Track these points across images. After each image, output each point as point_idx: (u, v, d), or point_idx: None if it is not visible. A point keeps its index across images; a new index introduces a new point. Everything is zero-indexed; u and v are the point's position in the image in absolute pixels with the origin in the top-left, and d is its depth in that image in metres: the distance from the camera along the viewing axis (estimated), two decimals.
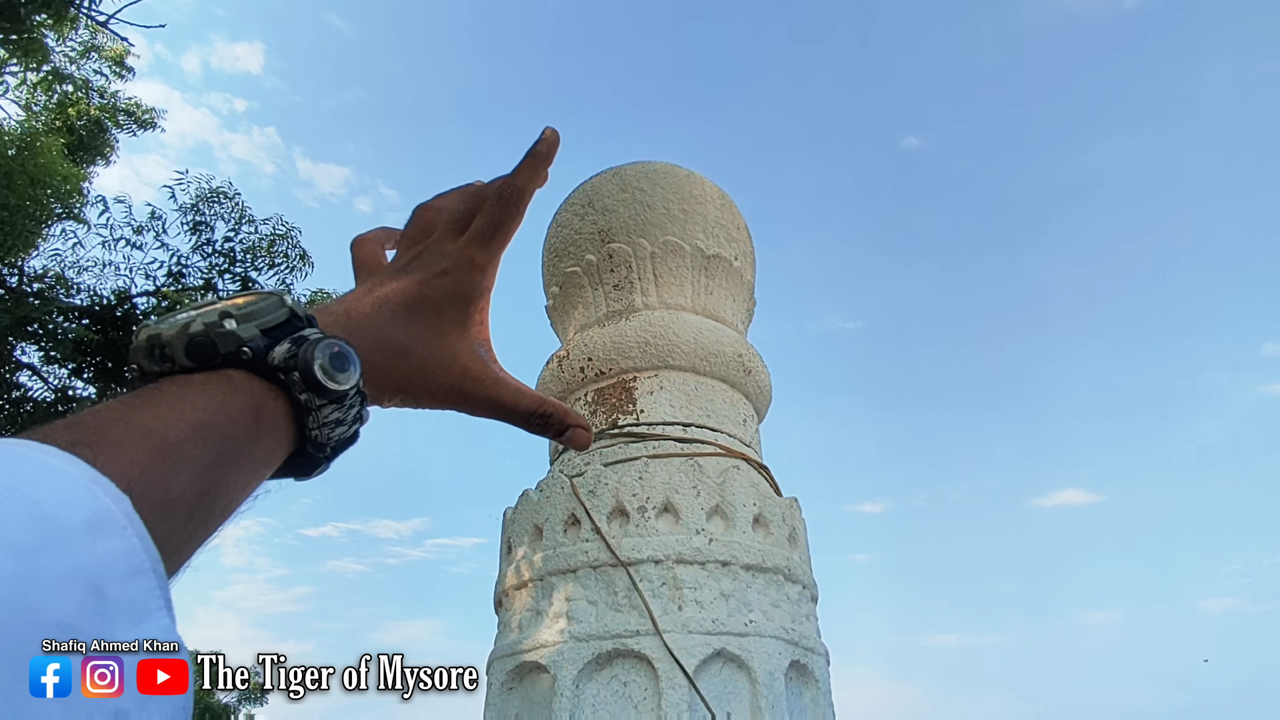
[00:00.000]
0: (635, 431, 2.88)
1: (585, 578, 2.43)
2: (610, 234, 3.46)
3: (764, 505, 2.63)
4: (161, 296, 5.79)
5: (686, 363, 3.08)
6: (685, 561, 2.39)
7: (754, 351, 3.37)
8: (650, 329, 3.11)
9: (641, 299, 3.33)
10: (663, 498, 2.52)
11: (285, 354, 0.42)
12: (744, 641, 2.27)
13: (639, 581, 2.34)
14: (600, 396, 3.11)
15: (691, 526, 2.46)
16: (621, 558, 2.39)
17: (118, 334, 5.68)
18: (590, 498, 2.56)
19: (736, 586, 2.39)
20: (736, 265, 3.57)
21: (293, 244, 5.86)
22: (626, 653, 2.26)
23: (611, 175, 3.66)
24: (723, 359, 3.14)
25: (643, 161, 3.74)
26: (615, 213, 3.49)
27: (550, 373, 3.35)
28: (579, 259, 3.52)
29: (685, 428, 2.91)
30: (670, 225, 3.44)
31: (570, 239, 3.58)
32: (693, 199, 3.53)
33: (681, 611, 2.29)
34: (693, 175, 3.69)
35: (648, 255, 3.38)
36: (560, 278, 3.61)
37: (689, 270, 3.41)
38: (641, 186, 3.52)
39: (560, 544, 2.55)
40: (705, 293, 3.42)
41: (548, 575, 2.51)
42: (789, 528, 2.69)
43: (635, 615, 2.29)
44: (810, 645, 2.49)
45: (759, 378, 3.31)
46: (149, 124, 6.75)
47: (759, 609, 2.39)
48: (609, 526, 2.50)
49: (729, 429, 3.01)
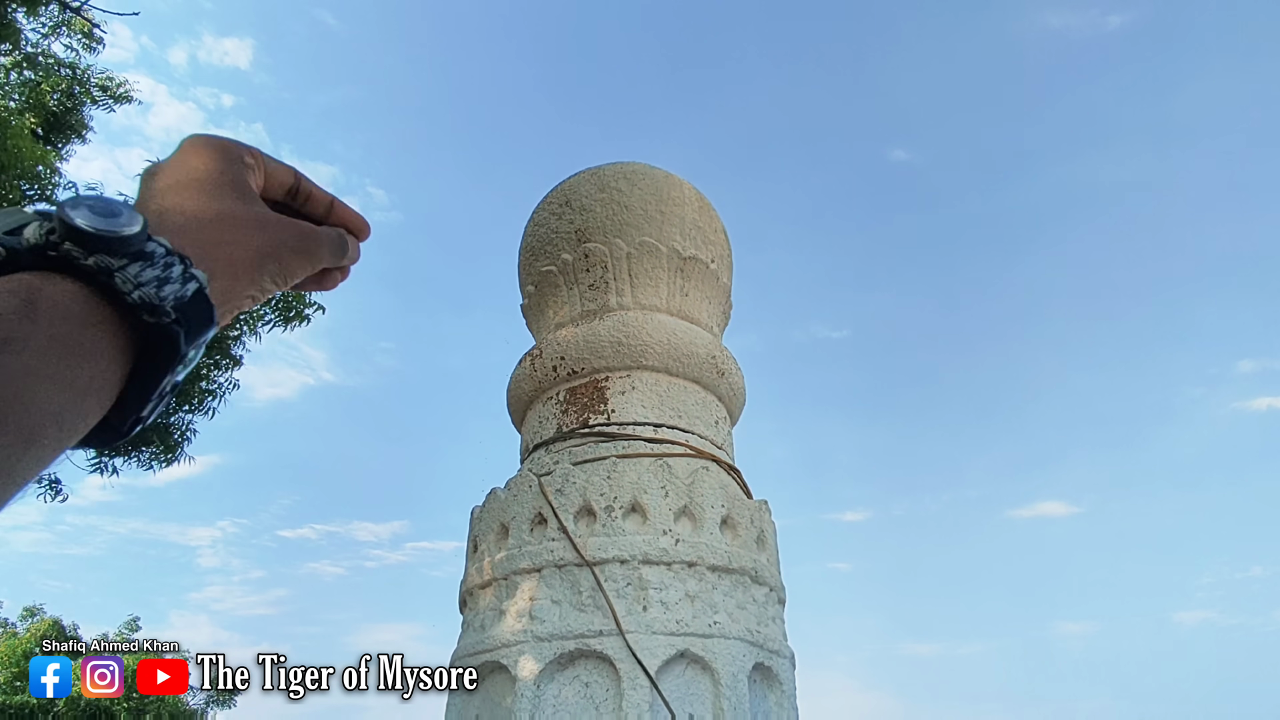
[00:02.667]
0: (606, 431, 2.86)
1: (550, 577, 2.41)
2: (587, 233, 3.45)
3: (732, 507, 2.63)
4: None
5: (659, 363, 3.08)
6: (651, 562, 2.37)
7: (728, 353, 3.37)
8: (624, 329, 3.10)
9: (616, 299, 3.31)
10: (630, 497, 2.50)
11: (37, 231, 0.37)
12: (708, 643, 2.26)
13: (604, 581, 2.33)
14: (572, 395, 3.09)
15: (659, 527, 2.45)
16: (587, 557, 2.38)
17: None
18: (558, 496, 2.54)
19: (702, 588, 2.38)
20: (713, 268, 3.57)
21: None
22: (589, 653, 2.24)
23: (590, 175, 3.65)
24: (696, 360, 3.14)
25: (621, 162, 3.73)
26: (592, 212, 3.47)
27: (523, 371, 3.33)
28: (555, 258, 3.50)
29: (656, 428, 2.90)
30: (647, 226, 3.43)
31: (547, 238, 3.57)
32: (670, 200, 3.53)
33: (646, 612, 2.27)
34: (671, 177, 3.69)
35: (624, 255, 3.37)
36: (536, 276, 3.59)
37: (665, 271, 3.40)
38: (619, 187, 3.51)
39: (526, 543, 2.53)
40: (681, 294, 3.42)
41: (512, 574, 2.49)
42: (757, 530, 2.68)
43: (599, 615, 2.27)
44: (775, 648, 2.49)
45: (732, 380, 3.30)
46: (124, 98, 6.61)
47: (724, 610, 2.38)
48: (576, 526, 2.48)
49: (700, 430, 3.01)
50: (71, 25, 5.56)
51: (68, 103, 5.85)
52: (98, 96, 6.09)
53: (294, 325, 5.77)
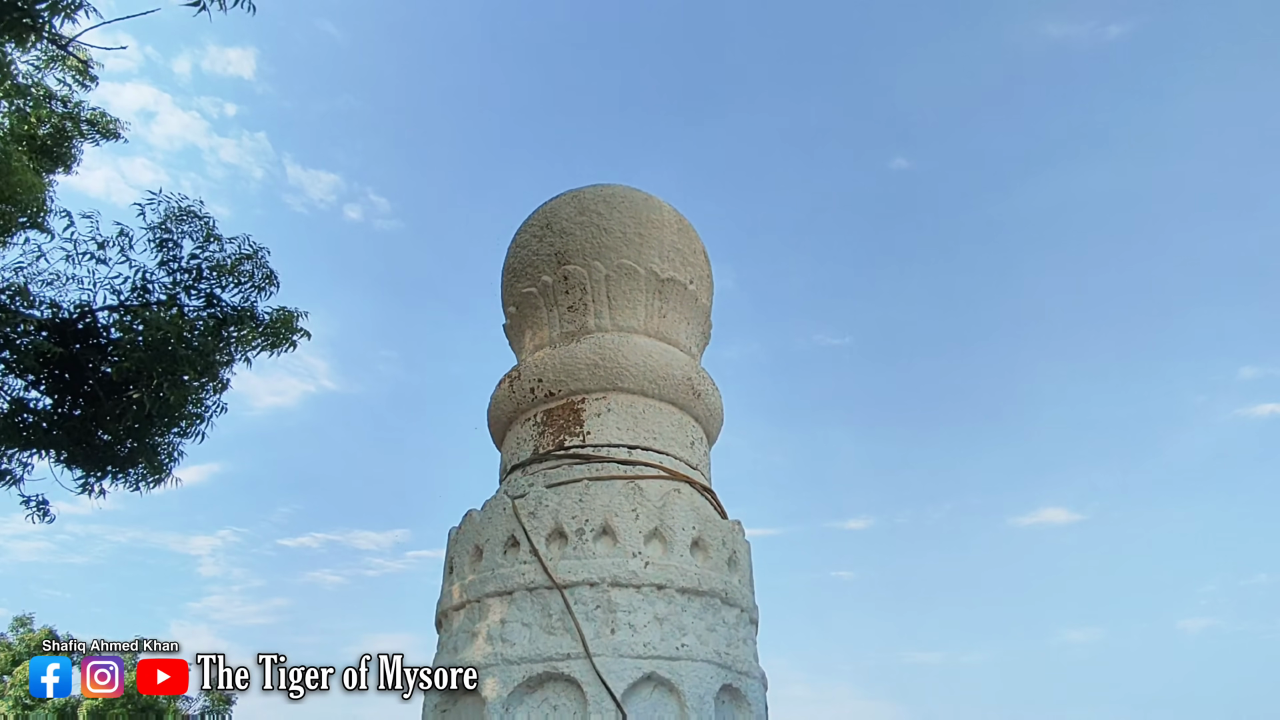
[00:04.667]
0: (580, 453, 2.89)
1: (521, 600, 2.43)
2: (566, 256, 3.49)
3: (704, 529, 2.65)
4: (125, 311, 5.75)
5: (635, 385, 3.11)
6: (620, 584, 2.39)
7: (705, 375, 3.40)
8: (600, 351, 3.13)
9: (595, 321, 3.35)
10: (601, 520, 2.52)
11: None
12: (675, 665, 2.27)
13: (574, 604, 2.34)
14: (549, 417, 3.12)
15: (628, 549, 2.47)
16: (557, 580, 2.39)
17: (78, 347, 5.62)
18: (530, 519, 2.56)
19: (671, 610, 2.40)
20: (691, 289, 3.61)
21: (259, 264, 5.86)
22: (557, 675, 2.25)
23: (570, 198, 3.70)
24: (672, 382, 3.17)
25: (602, 184, 3.79)
26: (572, 235, 3.52)
27: (502, 392, 3.36)
28: (535, 280, 3.54)
29: (630, 450, 2.92)
30: (626, 249, 3.47)
31: (528, 260, 3.61)
32: (650, 223, 3.57)
33: (614, 635, 2.29)
34: (650, 199, 3.74)
35: (602, 278, 3.41)
36: (517, 298, 3.63)
37: (643, 293, 3.44)
38: (599, 210, 3.56)
39: (499, 565, 2.55)
40: (659, 315, 3.45)
41: (485, 596, 2.50)
42: (729, 551, 2.70)
43: (568, 638, 2.29)
44: (745, 669, 2.49)
45: (709, 401, 3.33)
46: (112, 134, 6.72)
47: (693, 633, 2.39)
48: (547, 548, 2.50)
49: (675, 451, 3.03)
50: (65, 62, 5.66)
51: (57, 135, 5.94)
52: (87, 131, 6.19)
53: (281, 350, 5.83)
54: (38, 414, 5.57)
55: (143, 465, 5.68)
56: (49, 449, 5.58)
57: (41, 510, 5.83)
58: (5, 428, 5.39)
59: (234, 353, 5.92)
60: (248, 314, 5.99)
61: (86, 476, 5.67)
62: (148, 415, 5.26)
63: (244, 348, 5.93)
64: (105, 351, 5.64)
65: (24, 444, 5.51)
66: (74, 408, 5.65)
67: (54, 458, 5.63)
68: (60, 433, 5.55)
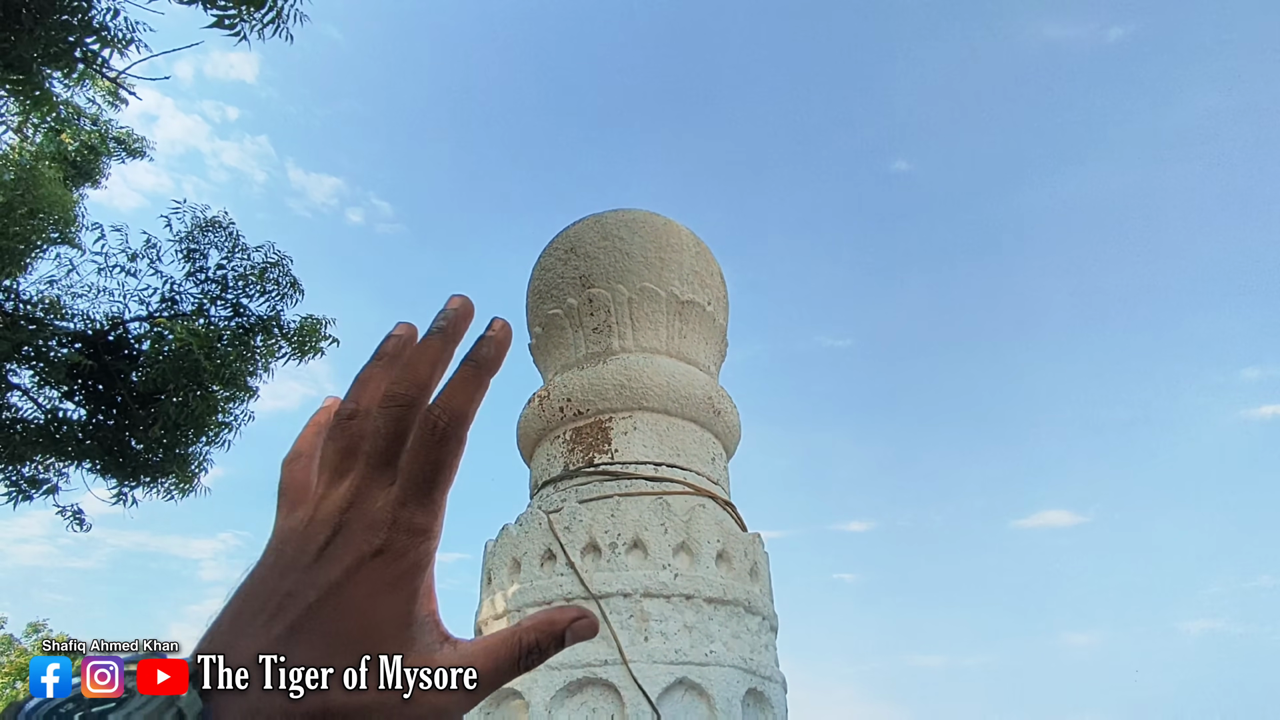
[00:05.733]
0: (610, 470, 3.08)
1: None
2: (591, 279, 3.68)
3: (727, 541, 2.83)
4: (154, 323, 5.94)
5: (659, 404, 3.29)
6: (652, 595, 2.58)
7: (724, 393, 3.59)
8: (626, 372, 3.32)
9: (619, 342, 3.54)
10: (633, 534, 2.71)
11: None
12: (704, 671, 2.46)
13: (609, 614, 2.53)
14: (578, 435, 3.31)
15: (658, 562, 2.65)
16: (593, 591, 2.58)
17: (110, 359, 5.81)
18: (565, 534, 2.75)
19: (699, 619, 2.58)
20: (709, 310, 3.79)
21: (284, 272, 6.05)
22: (596, 680, 2.44)
23: (593, 223, 3.89)
24: (693, 401, 3.35)
25: (623, 209, 3.97)
26: (596, 259, 3.71)
27: (531, 411, 3.54)
28: (561, 302, 3.73)
29: (656, 467, 3.11)
30: (647, 272, 3.66)
31: (553, 283, 3.80)
32: (669, 247, 3.76)
33: (647, 642, 2.48)
34: (670, 224, 3.92)
35: (625, 301, 3.59)
36: (543, 319, 3.82)
37: (664, 315, 3.62)
38: (621, 235, 3.75)
39: (537, 577, 2.73)
40: (679, 336, 3.64)
41: (525, 607, 2.69)
42: (750, 562, 2.89)
43: (605, 646, 2.47)
44: (768, 674, 2.68)
45: (728, 418, 3.52)
46: (139, 152, 6.96)
47: (720, 640, 2.58)
48: (582, 561, 2.69)
49: (698, 467, 3.22)
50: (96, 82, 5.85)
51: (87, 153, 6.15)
52: (114, 149, 6.40)
53: (309, 357, 6.02)
54: (72, 425, 5.77)
55: (174, 475, 5.88)
56: (83, 459, 5.78)
57: (78, 519, 6.03)
58: (43, 438, 5.58)
59: (260, 361, 6.12)
60: (274, 322, 6.18)
61: (120, 486, 5.87)
62: (176, 425, 5.45)
63: (271, 356, 6.12)
64: (136, 362, 5.84)
65: (60, 454, 5.71)
66: (107, 418, 5.85)
67: (88, 467, 5.83)
68: (94, 443, 5.75)
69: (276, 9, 3.85)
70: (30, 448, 5.44)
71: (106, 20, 3.67)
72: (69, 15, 3.59)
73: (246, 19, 3.79)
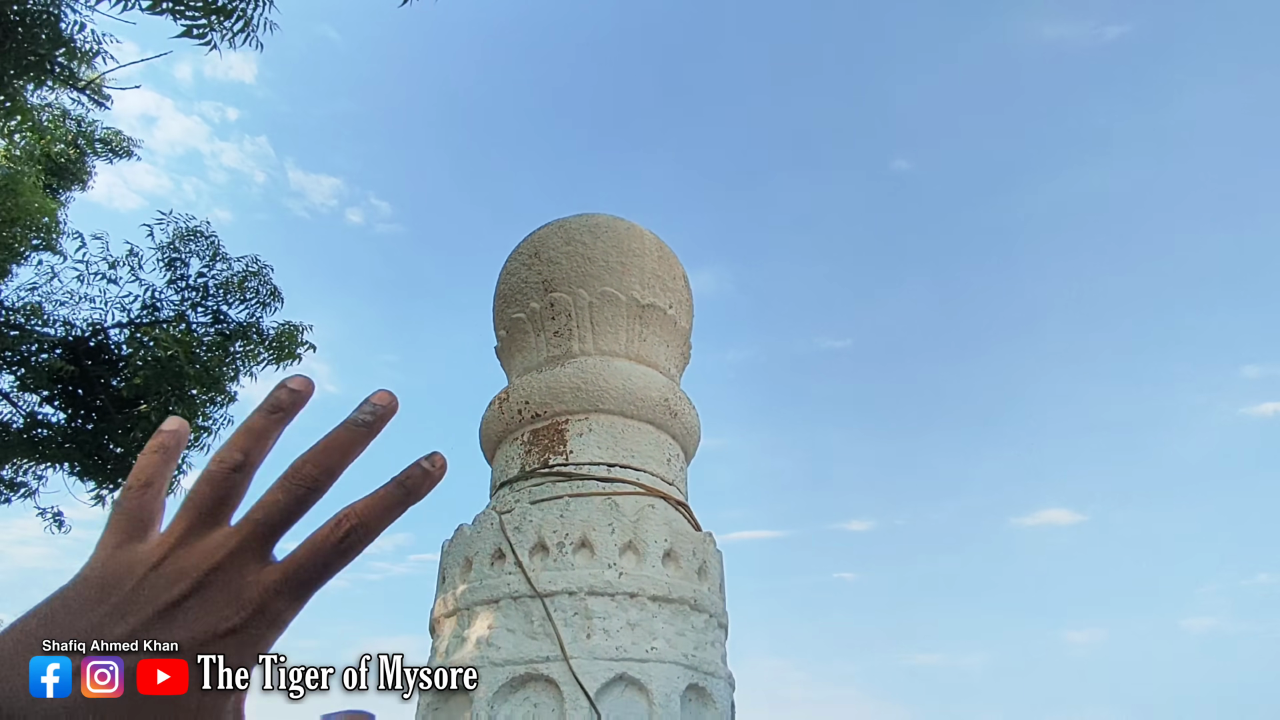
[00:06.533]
0: (563, 471, 3.13)
1: (506, 607, 2.66)
2: (553, 284, 3.73)
3: (675, 541, 2.88)
4: (135, 329, 6.01)
5: (615, 406, 3.34)
6: (597, 593, 2.62)
7: (683, 395, 3.64)
8: (582, 375, 3.37)
9: (579, 345, 3.59)
10: (580, 534, 2.76)
11: None
12: (644, 667, 2.50)
13: (553, 612, 2.58)
14: (535, 437, 3.36)
15: (605, 561, 2.70)
16: (539, 589, 2.63)
17: (91, 364, 5.87)
18: (515, 533, 2.80)
19: (643, 616, 2.63)
20: (671, 313, 3.85)
21: (263, 280, 6.12)
22: (537, 677, 2.48)
23: (557, 227, 3.95)
24: (649, 403, 3.40)
25: (586, 214, 4.03)
26: (558, 264, 3.76)
27: (493, 413, 3.59)
28: (524, 306, 3.78)
29: (610, 468, 3.16)
30: (608, 276, 3.71)
31: (517, 287, 3.85)
32: (631, 251, 3.81)
33: (589, 640, 2.52)
34: (634, 228, 3.98)
35: (586, 305, 3.65)
36: (507, 323, 3.87)
37: (624, 319, 3.68)
38: (583, 239, 3.80)
39: (486, 576, 2.78)
40: (639, 340, 3.69)
41: (473, 605, 2.74)
42: (700, 561, 2.93)
43: (548, 643, 2.52)
44: (711, 670, 2.73)
45: (685, 420, 3.57)
46: (126, 153, 7.02)
47: (663, 637, 2.62)
48: (530, 560, 2.73)
49: (652, 468, 3.27)
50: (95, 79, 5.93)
51: (71, 153, 6.23)
52: (100, 150, 6.48)
53: (286, 364, 6.08)
54: (52, 428, 5.82)
55: None
56: (62, 462, 5.83)
57: (57, 521, 6.08)
58: (21, 442, 5.64)
59: (240, 367, 6.18)
60: (253, 329, 6.25)
61: (99, 488, 5.92)
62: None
63: (250, 362, 6.18)
64: (117, 368, 5.90)
65: (39, 457, 5.77)
66: (87, 422, 5.90)
67: (67, 470, 5.89)
68: (73, 446, 5.80)
69: (246, 18, 3.91)
70: (8, 451, 5.49)
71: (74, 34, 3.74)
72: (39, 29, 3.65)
73: (216, 28, 3.85)
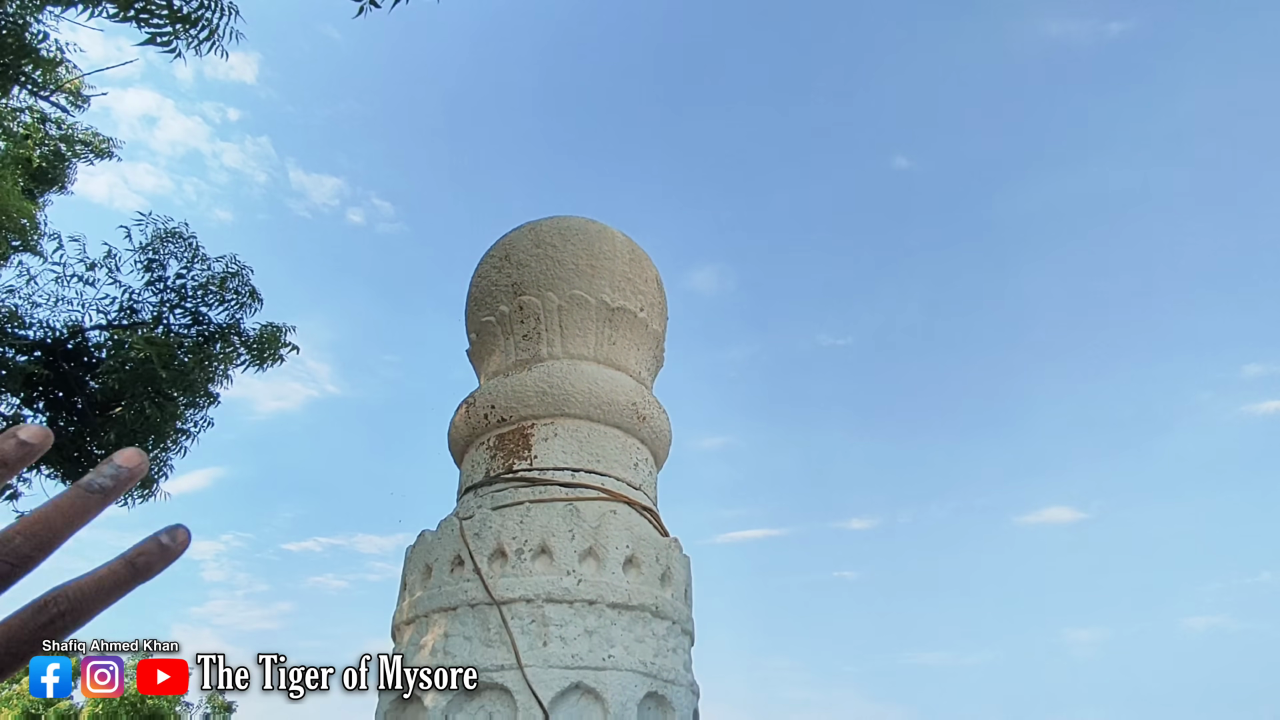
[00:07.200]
0: (527, 476, 3.11)
1: (463, 615, 2.65)
2: (522, 287, 3.71)
3: (637, 547, 2.86)
4: (114, 331, 5.98)
5: (581, 410, 3.32)
6: (554, 600, 2.61)
7: (652, 399, 3.62)
8: (548, 379, 3.35)
9: (547, 349, 3.57)
10: (540, 540, 2.74)
11: None
12: (600, 675, 2.49)
13: (510, 619, 2.56)
14: (501, 442, 3.34)
15: (563, 568, 2.68)
16: (496, 596, 2.61)
17: (69, 367, 5.85)
18: (475, 540, 2.78)
19: (601, 623, 2.61)
20: (641, 316, 3.83)
21: (243, 282, 6.11)
22: (492, 685, 2.47)
23: (528, 230, 3.93)
24: (617, 407, 3.38)
25: (559, 216, 4.01)
26: (528, 267, 3.74)
27: (460, 417, 3.57)
28: (494, 309, 3.77)
29: (574, 473, 3.14)
30: (578, 279, 3.69)
31: (488, 290, 3.83)
32: (601, 254, 3.79)
33: (545, 647, 2.51)
34: (605, 230, 3.96)
35: (555, 308, 3.63)
36: (478, 326, 3.85)
37: (593, 322, 3.66)
38: (553, 242, 3.78)
39: (445, 583, 2.77)
40: (608, 343, 3.67)
41: (431, 612, 2.72)
42: (663, 567, 2.92)
43: (503, 650, 2.51)
44: (671, 677, 2.71)
45: (655, 424, 3.55)
46: (106, 153, 6.99)
47: (621, 644, 2.61)
48: (489, 567, 2.72)
49: (618, 473, 3.25)
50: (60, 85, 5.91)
51: (51, 157, 6.20)
52: (81, 151, 6.45)
53: (268, 365, 6.07)
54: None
55: None
56: (42, 465, 5.81)
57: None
58: None
59: (219, 369, 6.15)
60: (233, 331, 6.22)
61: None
62: (133, 432, 5.49)
63: (230, 364, 6.16)
64: (94, 370, 5.88)
65: None
66: (67, 425, 5.88)
67: (48, 474, 5.87)
68: (53, 449, 5.78)
69: (211, 26, 3.88)
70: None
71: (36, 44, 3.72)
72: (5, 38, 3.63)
73: (181, 35, 3.82)
